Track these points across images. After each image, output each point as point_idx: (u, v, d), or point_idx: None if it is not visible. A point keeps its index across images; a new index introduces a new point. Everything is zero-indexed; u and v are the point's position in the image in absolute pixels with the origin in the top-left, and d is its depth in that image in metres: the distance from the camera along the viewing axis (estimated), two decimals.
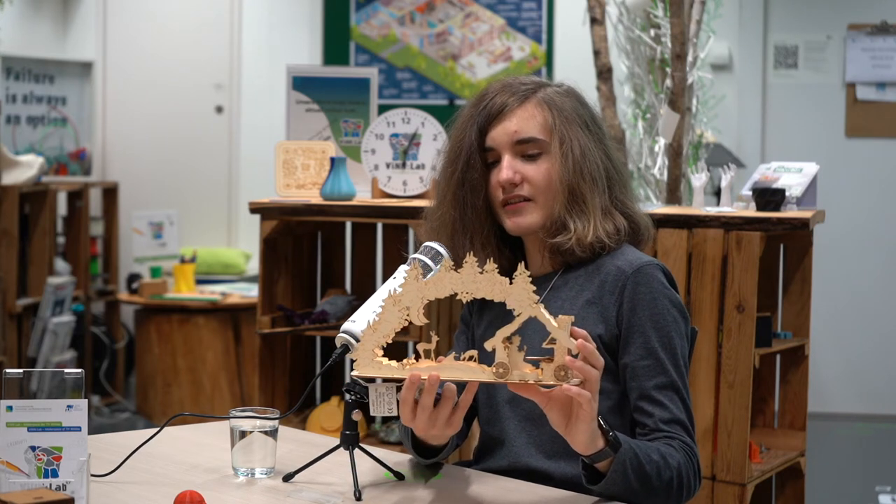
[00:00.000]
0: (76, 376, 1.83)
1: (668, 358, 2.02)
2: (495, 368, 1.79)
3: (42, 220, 5.82)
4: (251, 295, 6.02)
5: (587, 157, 2.08)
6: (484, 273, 1.79)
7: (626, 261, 2.08)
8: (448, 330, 3.43)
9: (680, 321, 2.06)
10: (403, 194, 3.67)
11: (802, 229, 3.23)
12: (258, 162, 6.69)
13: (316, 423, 3.74)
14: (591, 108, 2.17)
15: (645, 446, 1.93)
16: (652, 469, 1.90)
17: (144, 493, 1.93)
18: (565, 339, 1.76)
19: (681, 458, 1.96)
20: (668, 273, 2.09)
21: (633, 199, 2.17)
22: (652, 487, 1.91)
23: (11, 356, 5.47)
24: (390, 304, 1.82)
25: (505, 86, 2.15)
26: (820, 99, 6.44)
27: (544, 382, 1.78)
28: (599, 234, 2.07)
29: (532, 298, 1.77)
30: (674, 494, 1.95)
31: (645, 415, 2.01)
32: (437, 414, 1.86)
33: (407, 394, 1.85)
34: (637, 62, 4.70)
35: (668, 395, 2.01)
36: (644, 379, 2.01)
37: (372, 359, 1.84)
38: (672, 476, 1.94)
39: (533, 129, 2.10)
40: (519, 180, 2.10)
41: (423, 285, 1.81)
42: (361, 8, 6.85)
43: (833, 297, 6.25)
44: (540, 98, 2.11)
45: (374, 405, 1.90)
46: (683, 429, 2.00)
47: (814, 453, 4.15)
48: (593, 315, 2.06)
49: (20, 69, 6.27)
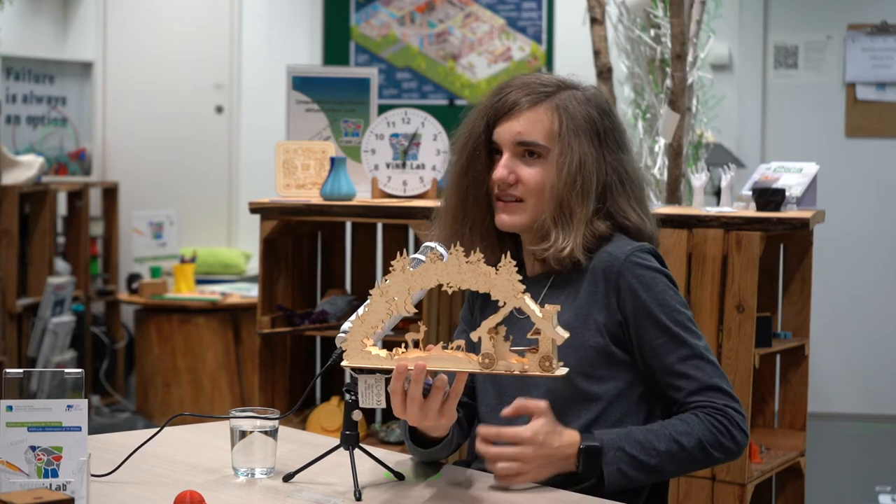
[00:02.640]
0: (76, 376, 1.83)
1: (682, 330, 2.05)
2: (481, 359, 1.80)
3: (42, 220, 5.82)
4: (251, 295, 6.02)
5: (585, 171, 2.07)
6: (469, 263, 1.79)
7: (616, 247, 2.08)
8: (448, 329, 3.43)
9: (678, 293, 2.09)
10: (403, 194, 3.67)
11: (802, 229, 3.23)
12: (258, 162, 6.69)
13: (316, 423, 3.74)
14: (611, 117, 2.14)
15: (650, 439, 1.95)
16: (660, 460, 1.93)
17: (144, 493, 1.93)
18: (550, 330, 1.77)
19: (702, 429, 1.98)
20: (656, 254, 2.11)
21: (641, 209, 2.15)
22: (672, 472, 1.97)
23: (11, 356, 5.47)
24: (377, 295, 1.84)
25: (524, 84, 2.14)
26: (820, 99, 6.44)
27: (529, 373, 1.79)
28: (576, 252, 2.07)
29: (517, 289, 1.77)
30: (699, 463, 1.99)
31: (674, 389, 2.03)
32: (428, 404, 1.87)
33: (396, 384, 1.86)
34: (637, 62, 4.70)
35: (693, 363, 2.03)
36: (665, 356, 2.04)
37: (361, 349, 1.85)
38: (690, 455, 1.97)
39: (536, 133, 2.09)
40: (513, 180, 2.10)
41: (409, 276, 1.83)
42: (361, 8, 6.85)
43: (833, 297, 6.25)
44: (553, 103, 2.11)
45: (362, 396, 1.91)
46: (716, 391, 2.03)
47: (814, 453, 4.16)
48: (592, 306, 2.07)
49: (20, 69, 6.27)
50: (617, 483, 1.92)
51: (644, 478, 1.94)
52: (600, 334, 2.05)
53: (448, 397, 1.88)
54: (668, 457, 1.94)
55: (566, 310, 2.08)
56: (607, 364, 2.06)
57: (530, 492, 1.97)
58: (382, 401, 1.90)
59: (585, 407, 2.06)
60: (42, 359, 5.58)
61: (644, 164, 4.59)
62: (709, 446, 1.98)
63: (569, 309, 2.08)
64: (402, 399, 1.87)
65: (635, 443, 1.93)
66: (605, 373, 2.05)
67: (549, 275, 2.14)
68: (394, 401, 1.88)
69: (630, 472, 1.91)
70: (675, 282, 2.10)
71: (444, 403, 1.89)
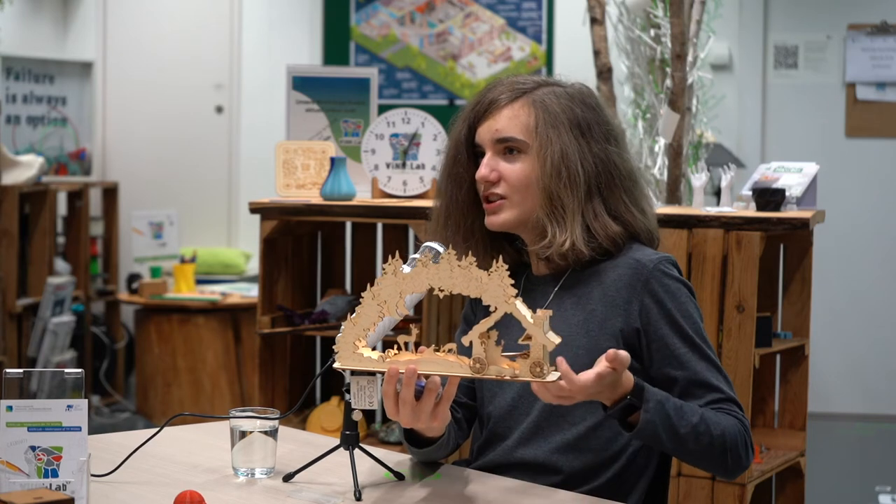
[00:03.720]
0: (76, 376, 1.83)
1: (702, 342, 2.05)
2: (472, 363, 1.79)
3: (42, 220, 5.82)
4: (251, 295, 6.02)
5: (569, 161, 2.06)
6: (461, 268, 1.78)
7: (643, 255, 2.08)
8: (448, 330, 3.43)
9: (697, 307, 2.09)
10: (403, 194, 3.67)
11: (802, 229, 3.23)
12: (258, 162, 6.69)
13: (316, 423, 3.74)
14: (596, 110, 2.14)
15: (686, 409, 1.95)
16: (686, 432, 1.93)
17: (144, 493, 1.93)
18: (541, 335, 1.76)
19: (729, 427, 1.98)
20: (678, 265, 2.12)
21: (639, 206, 2.14)
22: (689, 450, 1.96)
23: (11, 356, 5.47)
24: (369, 298, 1.84)
25: (502, 83, 2.16)
26: (820, 99, 6.44)
27: (520, 378, 1.78)
28: (578, 244, 2.06)
29: (508, 293, 1.76)
30: (712, 456, 1.98)
31: (694, 398, 2.03)
32: (420, 407, 1.87)
33: (388, 387, 1.86)
34: (637, 62, 4.70)
35: (714, 375, 2.04)
36: (689, 365, 2.03)
37: (353, 351, 1.85)
38: (710, 443, 1.96)
39: (514, 128, 2.10)
40: (495, 178, 2.11)
41: (400, 279, 1.83)
42: (361, 8, 6.85)
43: (833, 297, 6.25)
44: (530, 99, 2.11)
45: (355, 398, 1.90)
46: (736, 405, 2.04)
47: (814, 453, 4.15)
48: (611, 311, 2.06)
49: (20, 69, 6.27)
50: (647, 434, 1.92)
51: (666, 441, 1.92)
52: (615, 339, 2.05)
53: (441, 400, 1.88)
54: (695, 434, 1.94)
55: (577, 311, 2.07)
56: None
57: (530, 492, 1.98)
58: (375, 402, 1.90)
59: (591, 410, 2.05)
60: (42, 359, 5.58)
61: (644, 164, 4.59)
62: (728, 445, 1.98)
63: (580, 311, 2.08)
64: (394, 401, 1.88)
65: (674, 405, 1.94)
66: None
67: (558, 276, 2.14)
68: (386, 403, 1.88)
69: (660, 430, 1.91)
70: (694, 292, 2.11)
71: (436, 406, 1.88)
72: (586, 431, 2.06)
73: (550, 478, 2.06)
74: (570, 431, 2.06)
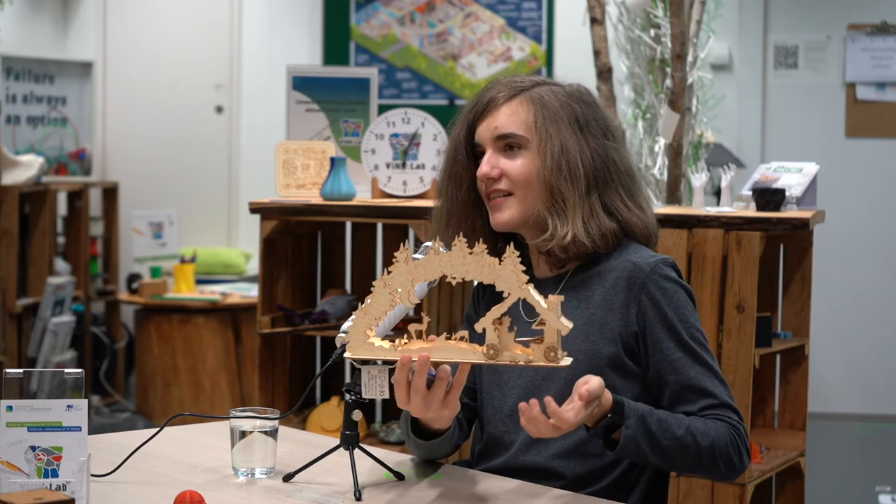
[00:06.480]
0: (76, 376, 1.83)
1: (699, 347, 2.05)
2: (486, 349, 1.79)
3: (42, 220, 5.82)
4: (251, 295, 6.02)
5: (569, 155, 2.07)
6: (473, 255, 1.79)
7: (640, 257, 2.08)
8: (449, 329, 3.42)
9: (696, 310, 2.09)
10: (403, 194, 3.67)
11: (802, 229, 3.23)
12: (258, 162, 6.69)
13: (316, 423, 3.74)
14: (594, 108, 2.15)
15: (670, 421, 1.95)
16: (671, 445, 1.93)
17: (144, 493, 1.93)
18: (554, 320, 1.77)
19: (718, 435, 1.98)
20: (677, 268, 2.11)
21: (634, 203, 2.14)
22: (676, 463, 1.96)
23: (11, 356, 5.47)
24: (380, 286, 1.84)
25: (500, 83, 2.17)
26: (820, 99, 6.44)
27: (535, 363, 1.78)
28: (579, 236, 2.07)
29: (521, 279, 1.77)
30: (703, 466, 1.98)
31: (688, 403, 2.03)
32: (431, 396, 1.87)
33: (400, 375, 1.86)
34: (637, 62, 4.70)
35: (709, 380, 2.03)
36: (683, 371, 2.03)
37: (364, 340, 1.84)
38: (698, 453, 1.96)
39: (514, 125, 2.10)
40: (497, 175, 2.11)
41: (412, 267, 1.82)
42: (361, 8, 6.85)
43: (833, 297, 6.25)
44: (528, 95, 2.12)
45: (366, 387, 1.90)
46: (731, 410, 2.03)
47: (814, 453, 4.16)
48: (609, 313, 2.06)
49: (20, 69, 6.27)
50: (630, 450, 1.92)
51: (651, 455, 1.93)
52: (614, 343, 2.05)
53: (451, 388, 1.89)
54: (680, 446, 1.94)
55: (578, 315, 2.07)
56: (619, 375, 2.04)
57: (530, 492, 1.98)
58: (386, 391, 1.90)
59: None
60: (42, 359, 5.58)
61: (644, 164, 4.59)
62: (718, 453, 1.97)
63: (581, 314, 2.07)
64: (405, 390, 1.88)
65: (657, 419, 1.93)
66: (615, 384, 2.03)
67: (560, 278, 2.14)
68: (398, 392, 1.88)
69: (643, 445, 1.91)
70: (693, 295, 2.10)
71: (447, 394, 1.89)
72: (588, 436, 2.06)
73: (553, 483, 2.05)
74: (571, 437, 2.06)
